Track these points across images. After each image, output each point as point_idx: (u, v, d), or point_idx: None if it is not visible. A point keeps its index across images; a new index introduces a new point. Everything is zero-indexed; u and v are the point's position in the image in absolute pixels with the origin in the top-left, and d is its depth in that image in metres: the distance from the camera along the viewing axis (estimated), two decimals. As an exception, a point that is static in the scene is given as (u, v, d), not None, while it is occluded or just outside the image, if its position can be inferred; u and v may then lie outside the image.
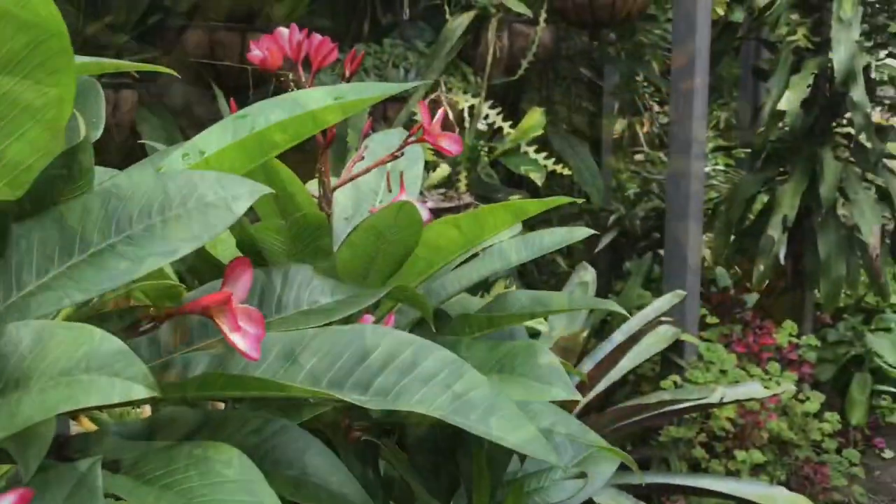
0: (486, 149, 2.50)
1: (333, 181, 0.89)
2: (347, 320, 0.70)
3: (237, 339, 0.48)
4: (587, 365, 2.30)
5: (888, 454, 3.33)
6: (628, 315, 1.09)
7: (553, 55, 3.02)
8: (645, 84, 4.23)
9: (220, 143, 0.60)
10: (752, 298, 3.57)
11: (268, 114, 0.64)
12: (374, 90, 0.64)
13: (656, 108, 4.42)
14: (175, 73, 0.92)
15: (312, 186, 0.90)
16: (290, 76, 0.96)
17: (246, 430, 0.58)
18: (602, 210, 3.68)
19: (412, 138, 0.82)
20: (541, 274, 3.66)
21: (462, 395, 0.55)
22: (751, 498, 2.01)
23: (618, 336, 2.39)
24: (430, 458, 0.88)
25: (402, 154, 0.83)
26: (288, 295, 0.66)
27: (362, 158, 0.88)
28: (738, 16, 2.87)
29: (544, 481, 0.93)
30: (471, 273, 0.89)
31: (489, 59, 2.47)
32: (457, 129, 2.28)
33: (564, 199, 0.83)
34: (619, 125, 5.14)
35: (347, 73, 0.89)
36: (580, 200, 1.11)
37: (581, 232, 0.88)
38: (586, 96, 3.75)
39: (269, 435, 0.58)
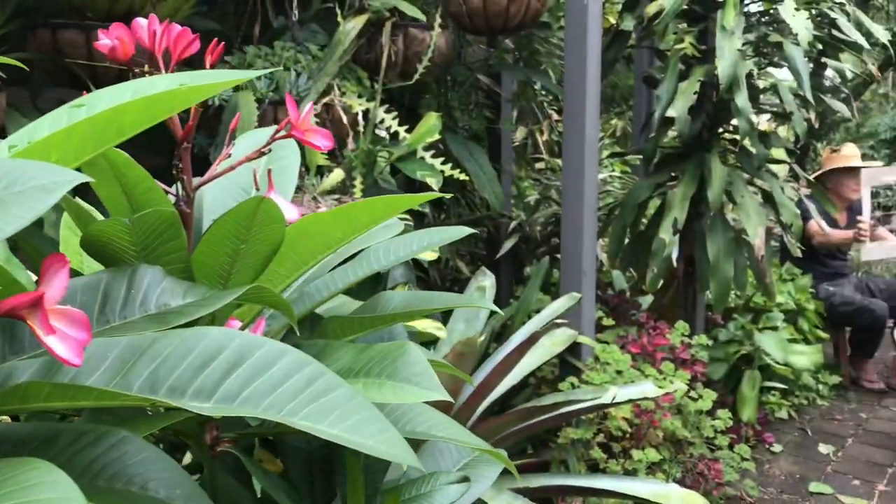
0: (383, 153, 2.46)
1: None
2: (210, 325, 0.66)
3: (53, 343, 0.43)
4: (487, 368, 2.30)
5: (777, 448, 3.47)
6: (500, 312, 1.08)
7: (450, 61, 3.02)
8: (543, 92, 4.30)
9: (53, 130, 0.55)
10: (647, 300, 3.67)
11: (110, 100, 0.59)
12: (220, 77, 0.60)
13: (555, 116, 4.50)
14: (23, 66, 0.85)
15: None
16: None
17: (81, 444, 0.53)
18: (503, 216, 3.71)
19: (279, 134, 0.78)
20: (444, 281, 3.65)
21: (316, 398, 0.51)
22: (646, 497, 2.04)
23: (517, 339, 2.40)
24: (306, 468, 0.83)
25: (270, 150, 0.79)
26: (134, 297, 0.61)
27: (228, 156, 0.83)
28: (629, 24, 2.94)
29: (428, 486, 0.91)
30: (347, 274, 0.85)
31: (384, 63, 2.44)
32: (351, 133, 2.24)
33: (435, 195, 0.81)
34: (520, 133, 5.21)
35: (208, 66, 0.84)
36: (448, 195, 1.09)
37: (456, 231, 0.86)
38: (485, 103, 3.78)
39: (106, 448, 0.53)
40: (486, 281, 2.56)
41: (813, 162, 6.01)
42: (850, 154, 4.24)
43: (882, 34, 2.89)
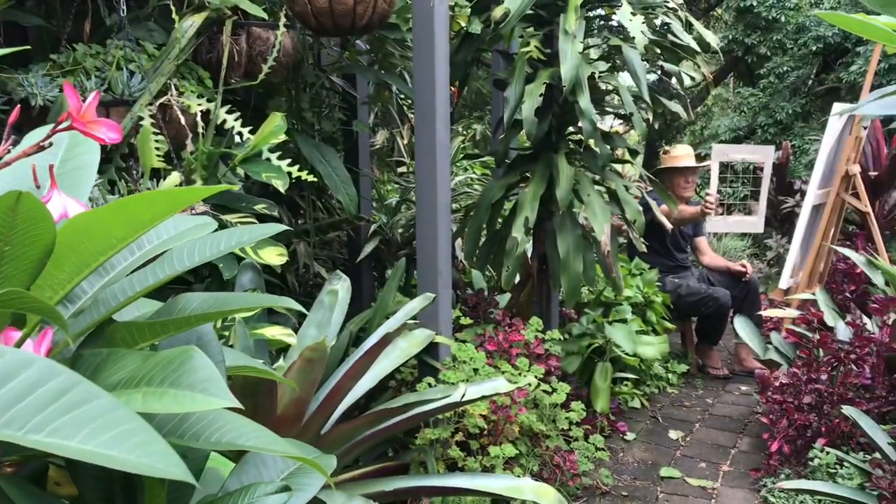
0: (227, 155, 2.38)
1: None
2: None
3: None
4: (340, 373, 2.26)
5: (630, 436, 3.61)
6: (305, 311, 1.05)
7: (299, 62, 2.96)
8: (402, 96, 4.31)
9: None
10: (506, 298, 3.73)
11: None
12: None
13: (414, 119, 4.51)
14: None
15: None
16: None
17: None
18: (362, 219, 3.67)
19: (60, 127, 0.72)
20: (303, 286, 3.58)
21: (68, 410, 0.47)
22: (500, 492, 2.07)
23: (370, 342, 2.37)
24: (103, 489, 0.77)
25: (51, 144, 0.73)
26: None
27: (8, 151, 0.76)
28: (477, 27, 2.98)
29: (245, 499, 0.86)
30: (147, 277, 0.80)
31: (225, 62, 2.36)
32: (190, 135, 2.15)
33: (224, 187, 0.77)
34: (382, 136, 5.19)
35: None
36: (235, 187, 1.05)
37: (266, 229, 0.82)
38: (342, 106, 3.74)
39: None
40: (339, 284, 2.52)
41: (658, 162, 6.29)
42: (679, 154, 4.48)
43: (713, 39, 3.06)
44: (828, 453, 2.83)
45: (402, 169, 5.01)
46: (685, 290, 4.44)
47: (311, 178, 2.31)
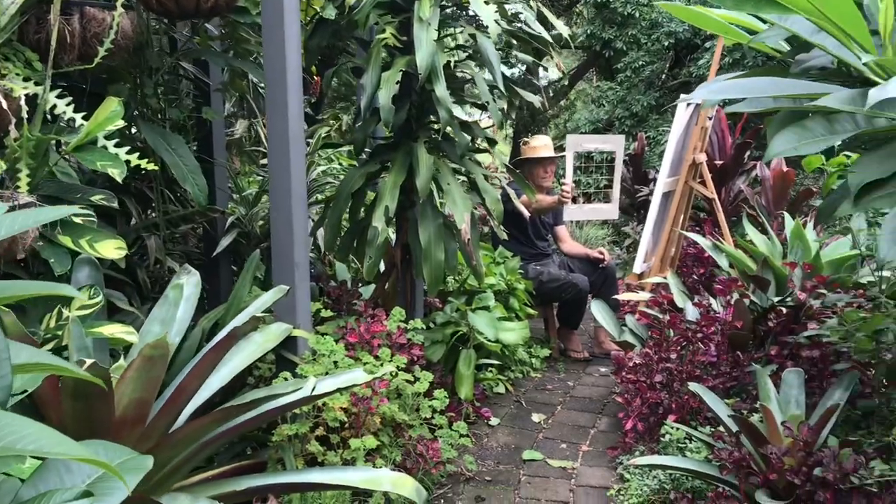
0: (60, 143, 2.22)
1: None
2: None
3: None
4: (187, 369, 2.16)
5: (494, 421, 3.66)
6: (79, 296, 0.98)
7: (141, 45, 2.80)
8: (262, 84, 4.17)
9: None
10: (370, 290, 3.70)
11: None
12: None
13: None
14: None
15: None
16: None
17: None
18: (217, 211, 3.54)
19: None
20: (156, 283, 3.41)
21: None
22: (357, 484, 2.04)
23: (220, 336, 2.28)
24: None
25: None
26: None
27: None
28: (331, 13, 2.92)
29: (42, 509, 0.79)
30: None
31: (53, 43, 2.19)
32: (13, 120, 1.98)
33: None
34: (242, 126, 5.02)
35: None
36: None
37: (53, 212, 0.75)
38: (194, 93, 3.57)
39: None
40: (186, 278, 2.41)
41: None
42: (538, 145, 4.59)
43: (564, 30, 3.13)
44: (677, 429, 2.96)
45: (265, 160, 4.87)
46: (546, 276, 4.55)
47: (151, 166, 2.18)
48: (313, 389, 1.97)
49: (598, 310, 4.11)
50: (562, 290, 4.56)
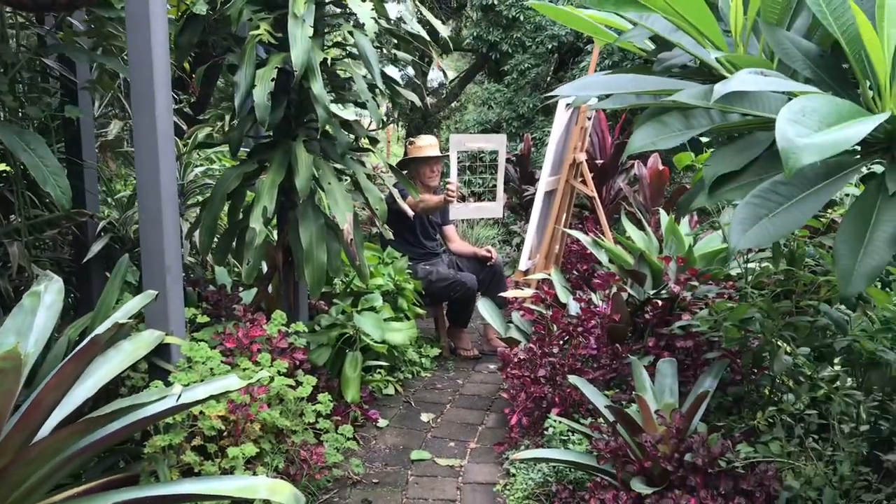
0: None
1: None
2: None
3: None
4: (45, 381, 2.03)
5: (383, 423, 3.63)
6: None
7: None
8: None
9: None
10: (252, 294, 3.60)
11: None
12: None
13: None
14: None
15: None
16: None
17: None
18: (85, 215, 3.36)
19: None
20: (19, 293, 3.20)
21: None
22: (231, 494, 1.97)
23: (83, 344, 2.15)
24: None
25: None
26: None
27: None
28: (202, 8, 2.82)
29: None
30: None
31: None
32: None
33: None
34: (117, 126, 4.80)
35: None
36: None
37: None
38: (61, 91, 3.38)
39: None
40: (46, 285, 2.27)
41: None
42: (424, 145, 4.61)
43: (443, 29, 3.13)
44: (560, 422, 3.01)
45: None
46: (435, 276, 4.56)
47: (2, 166, 2.04)
48: (179, 398, 1.88)
49: (484, 307, 4.15)
50: (451, 289, 4.57)
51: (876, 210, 1.38)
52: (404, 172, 4.67)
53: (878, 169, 1.51)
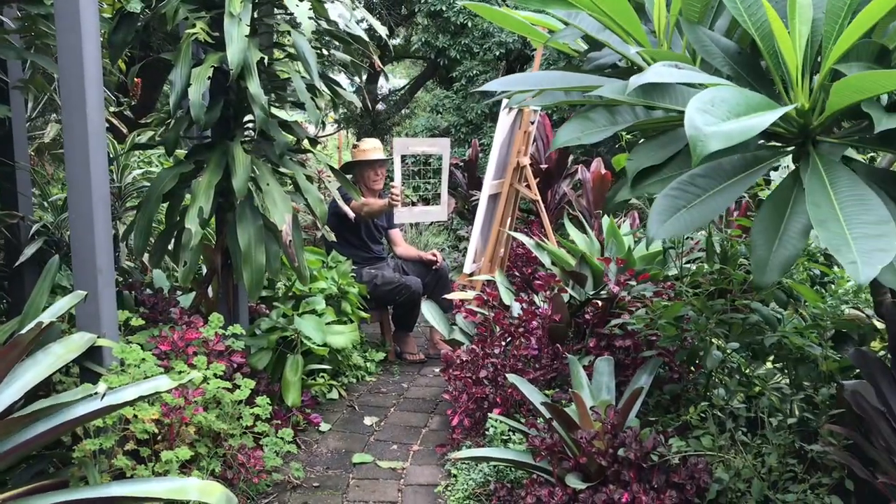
0: None
1: None
2: None
3: None
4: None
5: (325, 427, 3.60)
6: None
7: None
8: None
9: None
10: (191, 298, 3.54)
11: None
12: None
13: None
14: None
15: None
16: None
17: None
18: (18, 217, 3.28)
19: None
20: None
21: None
22: (160, 495, 1.93)
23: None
24: None
25: None
26: None
27: None
28: (137, 6, 2.77)
29: None
30: None
31: None
32: None
33: None
34: (54, 129, 4.69)
35: None
36: None
37: None
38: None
39: None
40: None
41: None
42: (368, 148, 4.61)
43: (382, 30, 3.13)
44: (501, 422, 3.02)
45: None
46: (381, 279, 4.54)
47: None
48: (103, 396, 1.84)
49: (428, 310, 4.15)
50: (396, 293, 4.56)
51: (791, 202, 1.42)
52: (349, 176, 4.67)
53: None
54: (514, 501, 2.56)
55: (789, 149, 1.52)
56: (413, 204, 4.48)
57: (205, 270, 3.56)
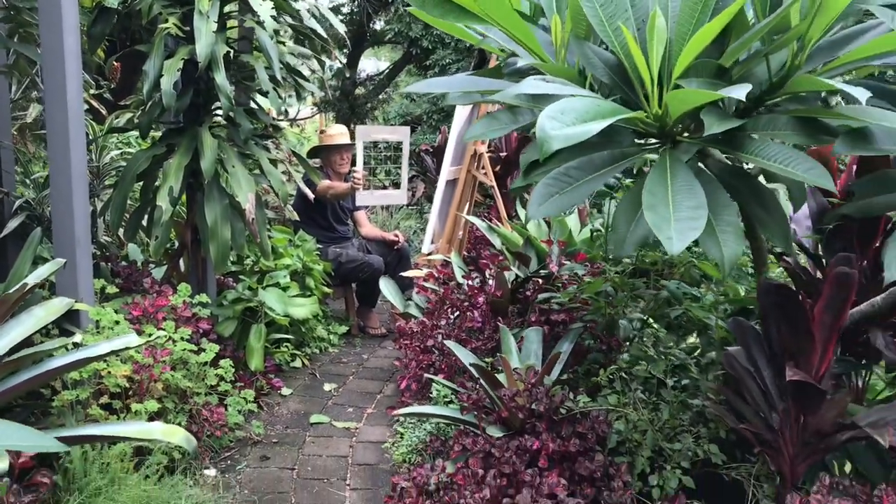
0: None
1: None
2: None
3: None
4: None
5: (287, 391, 3.91)
6: None
7: None
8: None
9: None
10: (163, 270, 3.83)
11: None
12: None
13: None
14: None
15: None
16: None
17: None
18: (4, 193, 3.55)
19: None
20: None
21: None
22: (130, 435, 2.24)
23: (-6, 309, 2.38)
24: None
25: None
26: None
27: None
28: (114, 1, 3.04)
29: None
30: None
31: None
32: None
33: None
34: (35, 109, 4.92)
35: None
36: None
37: None
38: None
39: None
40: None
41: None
42: (334, 133, 4.90)
43: (340, 27, 3.42)
44: (444, 385, 3.34)
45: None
46: (345, 257, 4.84)
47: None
48: (78, 346, 2.14)
49: (386, 286, 4.46)
50: (359, 271, 4.86)
51: (649, 191, 1.73)
52: (318, 160, 4.96)
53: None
54: (446, 451, 2.88)
55: (655, 146, 1.84)
56: (376, 188, 4.78)
57: (177, 245, 3.85)
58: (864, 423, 1.99)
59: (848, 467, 2.34)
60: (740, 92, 1.41)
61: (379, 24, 13.11)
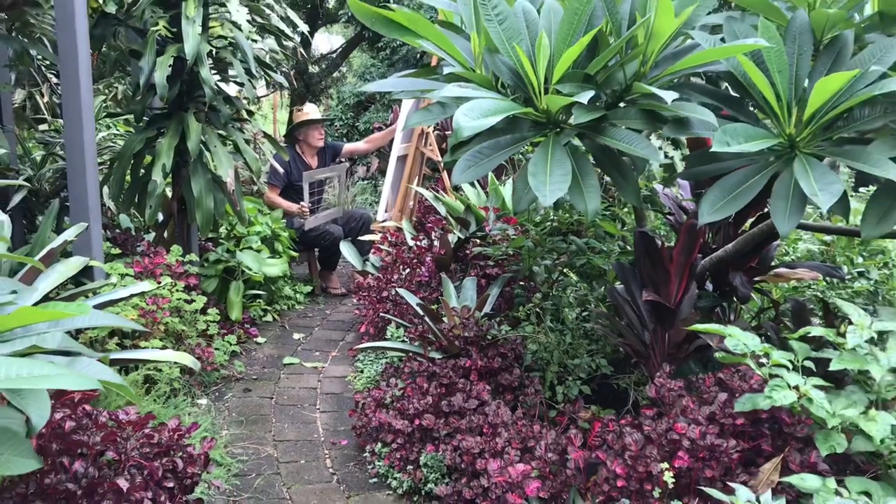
0: None
1: None
2: None
3: None
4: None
5: (261, 340, 4.54)
6: None
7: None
8: (41, 57, 4.67)
9: None
10: (152, 237, 4.42)
11: None
12: None
13: (54, 79, 4.89)
14: None
15: None
16: None
17: None
18: (12, 171, 4.09)
19: None
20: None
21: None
22: (149, 357, 2.85)
23: (42, 254, 2.97)
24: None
25: None
26: None
27: None
28: (112, 7, 3.59)
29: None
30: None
31: None
32: None
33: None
34: (20, 95, 5.43)
35: None
36: None
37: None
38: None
39: None
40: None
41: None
42: (308, 111, 5.52)
43: (304, 27, 4.02)
44: (397, 327, 4.02)
45: (45, 126, 5.33)
46: (308, 226, 5.47)
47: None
48: (114, 286, 2.75)
49: (345, 249, 5.11)
50: (321, 238, 5.49)
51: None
52: (297, 135, 5.58)
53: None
54: (398, 376, 3.56)
55: (546, 132, 2.51)
56: (321, 210, 5.63)
57: (161, 217, 4.43)
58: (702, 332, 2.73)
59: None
60: (584, 97, 2.09)
61: (331, 2, 13.59)
